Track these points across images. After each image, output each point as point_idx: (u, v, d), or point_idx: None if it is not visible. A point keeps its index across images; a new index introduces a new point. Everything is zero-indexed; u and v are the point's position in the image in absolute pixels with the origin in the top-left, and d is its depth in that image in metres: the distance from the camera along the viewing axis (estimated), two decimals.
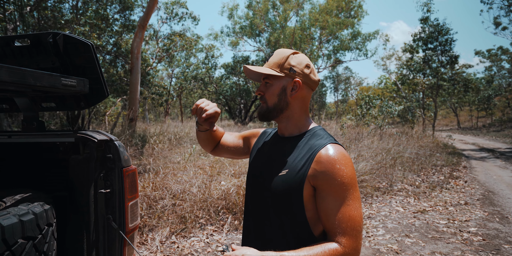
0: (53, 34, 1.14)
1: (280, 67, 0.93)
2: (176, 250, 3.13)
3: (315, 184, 0.85)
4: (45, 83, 0.94)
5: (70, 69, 1.20)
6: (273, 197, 0.90)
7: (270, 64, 0.94)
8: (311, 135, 0.94)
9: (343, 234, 0.80)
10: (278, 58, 0.94)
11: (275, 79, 0.94)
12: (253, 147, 1.10)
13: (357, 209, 0.83)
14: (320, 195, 0.84)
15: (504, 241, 3.45)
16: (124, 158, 1.16)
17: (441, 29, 15.81)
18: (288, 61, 0.93)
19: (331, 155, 0.85)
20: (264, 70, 0.92)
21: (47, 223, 0.96)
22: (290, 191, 0.87)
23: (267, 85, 0.95)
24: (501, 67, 39.52)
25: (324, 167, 0.83)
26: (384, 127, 11.77)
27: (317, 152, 0.86)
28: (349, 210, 0.81)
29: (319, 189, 0.85)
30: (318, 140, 0.90)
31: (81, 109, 1.31)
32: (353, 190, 0.83)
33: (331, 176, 0.82)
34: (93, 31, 10.48)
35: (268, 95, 0.94)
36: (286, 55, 0.94)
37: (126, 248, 1.15)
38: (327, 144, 0.88)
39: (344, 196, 0.82)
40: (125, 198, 1.14)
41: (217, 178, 4.71)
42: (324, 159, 0.84)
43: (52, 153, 1.24)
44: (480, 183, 6.49)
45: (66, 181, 1.17)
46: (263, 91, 0.96)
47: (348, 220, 0.81)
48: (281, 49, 0.97)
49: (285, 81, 0.93)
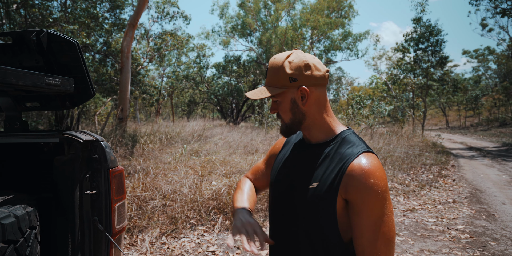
0: (36, 32, 1.11)
1: (279, 81, 0.85)
2: (167, 251, 3.10)
3: (347, 198, 0.80)
4: (28, 82, 0.91)
5: (55, 68, 1.17)
6: (303, 209, 0.86)
7: (269, 82, 0.87)
8: (340, 142, 0.86)
9: (378, 253, 0.77)
10: (274, 72, 0.85)
11: (280, 95, 0.86)
12: (278, 156, 1.03)
13: (391, 223, 0.78)
14: (353, 210, 0.80)
15: (490, 238, 3.52)
16: (111, 159, 1.14)
17: (433, 30, 16.05)
18: (284, 71, 0.83)
19: (364, 168, 0.78)
20: (264, 93, 0.85)
21: (29, 226, 0.94)
22: (321, 205, 0.82)
23: (277, 103, 0.88)
24: (488, 68, 40.37)
25: (357, 181, 0.77)
26: (374, 126, 11.89)
27: (349, 163, 0.80)
28: (383, 227, 0.77)
29: (352, 204, 0.79)
30: (349, 149, 0.83)
31: (66, 108, 1.28)
32: (387, 204, 0.78)
33: (364, 191, 0.77)
34: (82, 29, 10.32)
35: (282, 113, 0.88)
36: (280, 65, 0.84)
37: (112, 250, 1.13)
38: (359, 154, 0.81)
39: (378, 213, 0.77)
40: (111, 199, 1.12)
41: (208, 178, 4.68)
42: (357, 173, 0.78)
43: (36, 154, 1.21)
44: (468, 181, 6.61)
45: (50, 183, 1.14)
46: (276, 109, 0.90)
47: (382, 237, 0.77)
48: (273, 59, 0.87)
49: (291, 93, 0.85)
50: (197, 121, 13.61)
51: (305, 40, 22.91)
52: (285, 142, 1.04)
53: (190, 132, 9.80)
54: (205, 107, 32.48)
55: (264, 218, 3.94)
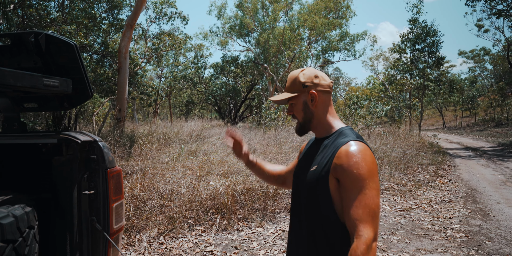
0: (35, 34, 1.12)
1: (295, 87, 1.09)
2: (164, 251, 3.11)
3: (337, 176, 0.96)
4: (26, 83, 0.92)
5: (53, 69, 1.18)
6: (305, 190, 1.05)
7: (288, 89, 1.12)
8: (337, 135, 1.05)
9: (360, 221, 0.89)
10: (291, 82, 1.10)
11: (295, 98, 1.09)
12: (301, 154, 1.24)
13: (373, 198, 0.91)
14: (341, 186, 0.95)
15: (485, 237, 3.56)
16: (109, 159, 1.15)
17: (429, 31, 16.13)
18: (298, 80, 1.08)
19: (349, 150, 0.95)
20: (283, 96, 1.10)
21: (28, 225, 0.95)
22: (318, 184, 0.99)
23: (293, 105, 1.11)
24: (484, 68, 40.61)
25: (342, 161, 0.94)
26: (372, 126, 11.94)
27: (339, 148, 0.97)
28: (365, 199, 0.90)
29: (341, 182, 0.95)
30: (343, 139, 1.01)
31: (64, 109, 1.29)
32: (370, 181, 0.91)
33: (348, 169, 0.93)
34: (80, 30, 10.29)
35: (296, 113, 1.11)
36: (295, 76, 1.09)
37: (110, 249, 1.14)
38: (349, 141, 0.98)
39: (361, 186, 0.91)
40: (109, 199, 1.13)
41: (206, 178, 4.69)
42: (343, 154, 0.95)
43: (35, 154, 1.21)
44: (464, 181, 6.66)
45: (49, 183, 1.15)
46: (292, 111, 1.12)
47: (364, 207, 0.89)
48: (291, 73, 1.12)
49: (303, 97, 1.08)
50: (195, 121, 13.61)
51: (303, 40, 22.96)
52: (307, 144, 1.25)
53: (188, 133, 9.80)
54: (203, 107, 32.46)
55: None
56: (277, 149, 7.87)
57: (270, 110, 13.37)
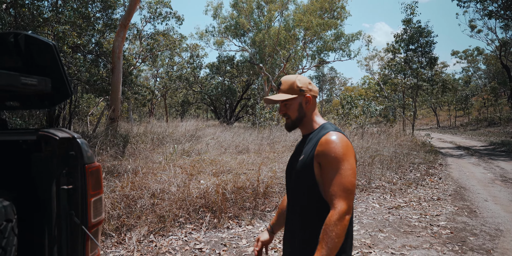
0: (14, 34, 1.15)
1: (292, 90, 1.26)
2: (154, 249, 3.15)
3: (319, 161, 1.14)
4: (3, 82, 0.96)
5: (33, 69, 1.22)
6: (295, 177, 1.24)
7: (284, 91, 1.28)
8: (320, 129, 1.24)
9: (335, 196, 1.07)
10: (289, 85, 1.27)
11: (292, 100, 1.27)
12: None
13: (348, 176, 1.08)
14: (322, 168, 1.13)
15: (470, 233, 3.64)
16: (87, 155, 1.19)
17: (423, 31, 16.27)
18: (296, 84, 1.26)
19: (328, 138, 1.14)
20: (284, 96, 1.26)
21: (6, 219, 0.98)
22: (305, 169, 1.18)
23: (287, 105, 1.28)
24: (477, 68, 41.00)
25: (322, 147, 1.13)
26: (365, 126, 12.04)
27: (320, 138, 1.17)
28: (341, 178, 1.08)
29: (322, 164, 1.13)
30: (324, 131, 1.20)
31: (45, 108, 1.33)
32: (345, 162, 1.09)
33: (327, 152, 1.11)
34: (74, 30, 10.26)
35: (291, 112, 1.28)
36: (293, 80, 1.27)
37: (89, 242, 1.18)
38: (328, 132, 1.17)
39: (337, 167, 1.09)
40: (87, 194, 1.17)
41: (197, 177, 4.73)
42: (323, 142, 1.14)
43: (15, 151, 1.25)
44: (454, 179, 6.75)
45: (28, 178, 1.19)
46: (284, 110, 1.29)
47: (339, 184, 1.07)
48: (285, 77, 1.30)
49: (299, 99, 1.26)
50: (191, 121, 13.62)
51: (298, 40, 23.05)
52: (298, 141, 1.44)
53: (183, 132, 9.81)
54: (199, 107, 32.43)
55: None
56: (270, 149, 7.93)
57: (264, 110, 13.43)
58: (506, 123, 24.46)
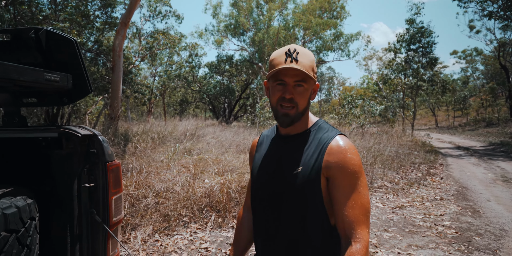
0: (35, 30, 1.13)
1: (312, 70, 0.89)
2: (160, 248, 3.13)
3: (328, 175, 0.88)
4: (29, 77, 0.94)
5: (53, 65, 1.20)
6: (290, 194, 0.92)
7: (305, 67, 0.87)
8: (316, 130, 0.95)
9: (357, 222, 0.83)
10: (310, 61, 0.89)
11: (308, 83, 0.90)
12: (255, 157, 1.07)
13: (367, 196, 0.87)
14: (334, 184, 0.87)
15: (475, 233, 3.65)
16: (108, 153, 1.18)
17: (424, 31, 16.33)
18: (314, 68, 0.91)
19: (341, 146, 0.88)
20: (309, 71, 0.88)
21: (30, 216, 0.97)
22: (308, 186, 0.89)
23: (300, 89, 0.89)
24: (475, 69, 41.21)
25: (337, 158, 0.87)
26: (365, 126, 12.05)
27: (327, 144, 0.89)
28: (361, 198, 0.85)
29: (333, 179, 0.87)
30: (325, 133, 0.93)
31: (64, 104, 1.31)
32: (362, 177, 0.87)
33: (343, 165, 0.86)
34: (73, 27, 10.20)
35: (301, 99, 0.90)
36: (312, 58, 0.91)
37: (110, 241, 1.16)
38: (335, 136, 0.91)
39: (355, 183, 0.86)
40: (109, 192, 1.15)
41: (201, 176, 4.71)
42: (335, 150, 0.88)
43: (35, 148, 1.23)
44: (455, 179, 6.77)
45: (49, 176, 1.17)
46: (293, 93, 0.89)
47: (360, 207, 0.84)
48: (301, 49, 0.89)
49: (312, 84, 0.92)
50: (190, 120, 13.58)
51: (297, 40, 23.03)
52: (258, 143, 1.09)
53: (183, 132, 9.78)
54: (198, 106, 32.37)
55: None
56: None
57: (264, 109, 13.42)
58: (504, 124, 24.59)
